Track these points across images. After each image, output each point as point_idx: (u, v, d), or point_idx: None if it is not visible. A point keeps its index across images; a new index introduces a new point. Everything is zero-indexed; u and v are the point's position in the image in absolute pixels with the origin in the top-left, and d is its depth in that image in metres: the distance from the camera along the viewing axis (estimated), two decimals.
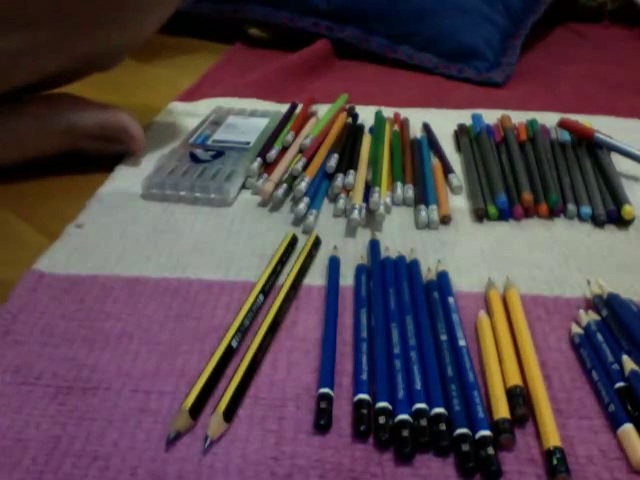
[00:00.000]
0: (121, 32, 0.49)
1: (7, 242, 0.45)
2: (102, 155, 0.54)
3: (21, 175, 0.52)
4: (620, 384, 0.32)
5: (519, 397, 0.31)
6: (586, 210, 0.49)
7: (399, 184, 0.51)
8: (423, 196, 0.50)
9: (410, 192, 0.50)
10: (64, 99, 0.52)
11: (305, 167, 0.51)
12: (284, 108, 0.64)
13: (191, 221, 0.47)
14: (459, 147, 0.60)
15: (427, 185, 0.51)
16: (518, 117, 0.63)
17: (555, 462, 0.28)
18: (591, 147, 0.56)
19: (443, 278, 0.40)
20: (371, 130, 0.60)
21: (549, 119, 0.62)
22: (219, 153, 0.54)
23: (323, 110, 0.63)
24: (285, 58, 0.81)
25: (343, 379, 0.33)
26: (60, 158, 0.53)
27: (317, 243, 0.44)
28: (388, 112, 0.65)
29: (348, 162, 0.52)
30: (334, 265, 0.41)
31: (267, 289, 0.39)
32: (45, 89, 0.51)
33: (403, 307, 0.37)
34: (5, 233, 0.46)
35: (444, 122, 0.64)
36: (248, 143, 0.56)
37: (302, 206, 0.47)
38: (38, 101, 0.51)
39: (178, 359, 0.34)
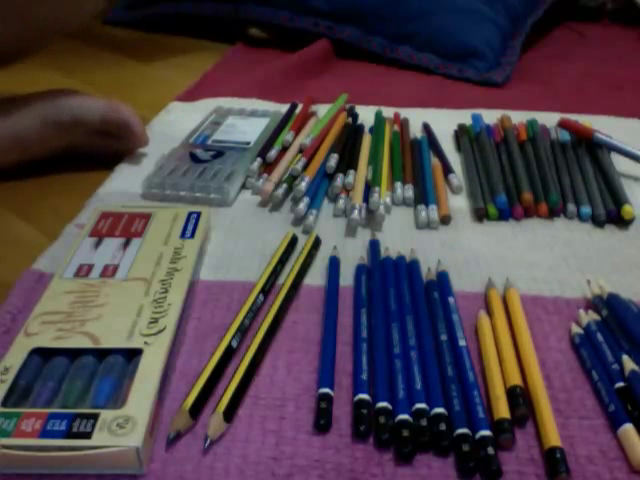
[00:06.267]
0: None
1: (7, 242, 0.45)
2: (102, 155, 0.54)
3: (21, 175, 0.52)
4: (620, 384, 0.32)
5: (519, 397, 0.31)
6: (586, 210, 0.49)
7: (399, 184, 0.51)
8: (423, 196, 0.50)
9: (410, 192, 0.50)
10: (66, 94, 0.52)
11: (305, 167, 0.51)
12: (284, 108, 0.64)
13: None
14: (459, 147, 0.60)
15: (427, 185, 0.51)
16: (518, 117, 0.63)
17: (555, 462, 0.28)
18: (591, 147, 0.56)
19: (443, 278, 0.40)
20: (371, 130, 0.60)
21: (549, 119, 0.62)
22: (219, 153, 0.54)
23: (323, 110, 0.63)
24: (285, 58, 0.81)
25: (343, 379, 0.33)
26: (60, 158, 0.53)
27: (317, 243, 0.44)
28: (388, 112, 0.65)
29: (348, 162, 0.52)
30: (334, 265, 0.41)
31: (267, 289, 0.39)
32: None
33: (403, 307, 0.37)
34: (4, 233, 0.46)
35: (444, 122, 0.64)
36: (248, 143, 0.56)
37: (302, 206, 0.47)
38: (40, 96, 0.51)
39: (178, 359, 0.34)
